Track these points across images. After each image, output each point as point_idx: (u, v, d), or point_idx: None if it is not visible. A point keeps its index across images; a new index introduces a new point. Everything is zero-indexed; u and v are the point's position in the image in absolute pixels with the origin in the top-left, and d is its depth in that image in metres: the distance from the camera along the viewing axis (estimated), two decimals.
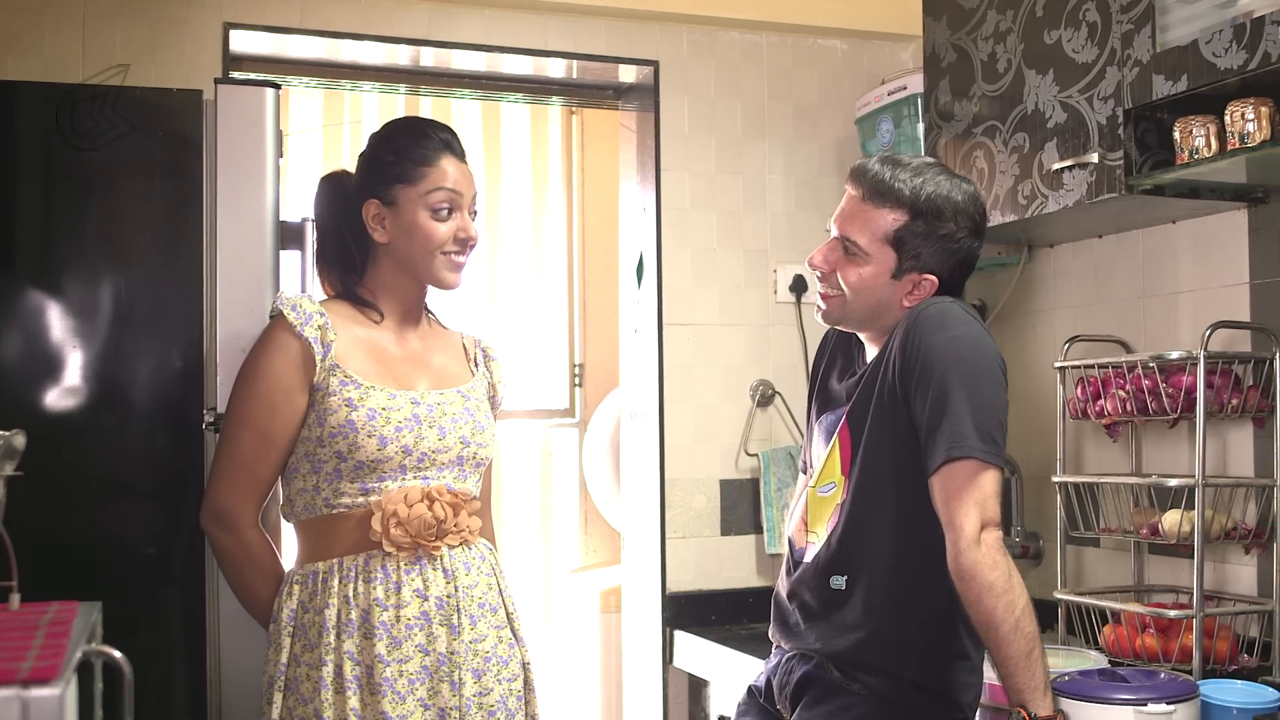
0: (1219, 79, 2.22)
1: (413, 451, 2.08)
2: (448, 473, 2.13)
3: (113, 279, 2.30)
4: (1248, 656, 2.49)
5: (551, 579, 4.79)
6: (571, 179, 4.89)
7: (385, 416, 2.07)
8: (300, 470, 2.10)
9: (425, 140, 2.18)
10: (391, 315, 2.21)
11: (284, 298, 2.12)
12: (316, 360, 2.07)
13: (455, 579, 2.10)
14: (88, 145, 2.29)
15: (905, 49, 3.68)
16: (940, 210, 2.07)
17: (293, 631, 2.06)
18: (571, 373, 4.86)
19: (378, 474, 2.07)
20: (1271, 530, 2.49)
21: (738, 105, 3.60)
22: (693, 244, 3.53)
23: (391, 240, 2.17)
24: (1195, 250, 2.73)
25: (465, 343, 2.34)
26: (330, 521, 2.08)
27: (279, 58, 3.32)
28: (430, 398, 2.14)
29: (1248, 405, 2.51)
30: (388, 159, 2.18)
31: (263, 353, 2.10)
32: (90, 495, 2.28)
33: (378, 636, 2.02)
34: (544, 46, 3.40)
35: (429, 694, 2.04)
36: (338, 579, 2.05)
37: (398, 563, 2.06)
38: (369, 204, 2.17)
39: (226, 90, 2.32)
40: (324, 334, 2.09)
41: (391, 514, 2.05)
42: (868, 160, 2.15)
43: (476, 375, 2.29)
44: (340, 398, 2.06)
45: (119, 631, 1.78)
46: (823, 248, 2.16)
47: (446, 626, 2.07)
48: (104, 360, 2.28)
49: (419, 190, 2.15)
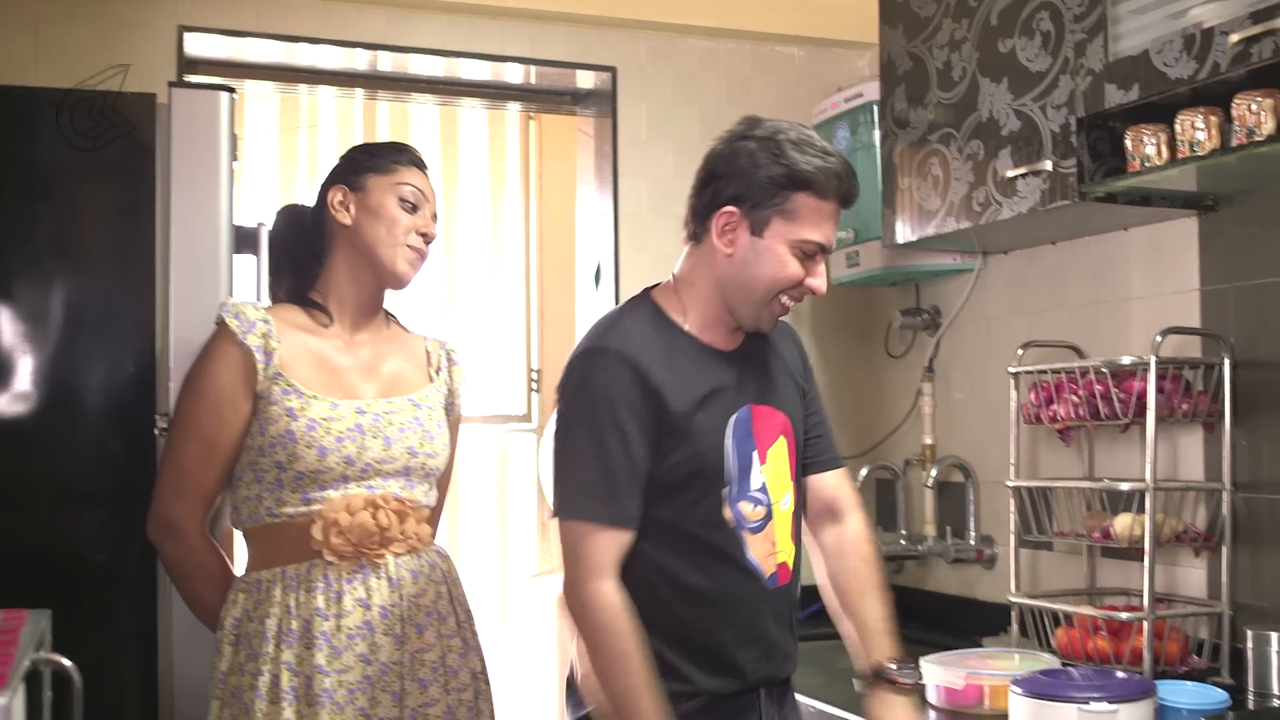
0: (1169, 88, 2.25)
1: (355, 462, 2.06)
2: (393, 482, 2.11)
3: (64, 284, 2.28)
4: (1198, 658, 2.52)
5: (508, 584, 4.78)
6: (529, 184, 4.88)
7: (325, 427, 2.05)
8: (244, 479, 2.08)
9: (402, 150, 2.25)
10: (343, 318, 2.19)
11: (228, 305, 2.11)
12: (259, 369, 2.05)
13: (401, 588, 2.07)
14: (40, 149, 2.27)
15: (862, 56, 3.70)
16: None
17: (235, 640, 2.04)
18: (529, 378, 4.85)
19: (319, 484, 2.05)
20: (1221, 533, 2.52)
21: (695, 111, 3.60)
22: (650, 250, 3.53)
23: (355, 222, 2.16)
24: (1146, 257, 2.76)
25: (429, 346, 2.32)
26: (274, 530, 2.06)
27: (234, 61, 3.29)
28: (377, 406, 2.12)
29: (1198, 410, 2.53)
30: (362, 157, 2.22)
31: (206, 362, 2.08)
32: (41, 501, 2.26)
33: (318, 647, 1.99)
34: (502, 52, 3.40)
35: (370, 704, 2.02)
36: (280, 588, 2.03)
37: (339, 572, 2.04)
38: (334, 189, 2.18)
39: (181, 94, 2.31)
40: (267, 342, 2.07)
41: (333, 522, 2.03)
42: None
43: (435, 382, 2.26)
44: (281, 407, 2.04)
45: (69, 639, 1.77)
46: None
47: (390, 636, 2.05)
48: (55, 365, 2.26)
49: (389, 180, 2.18)
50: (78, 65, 2.90)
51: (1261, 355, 2.49)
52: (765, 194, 1.93)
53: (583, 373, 1.92)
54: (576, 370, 1.93)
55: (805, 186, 1.93)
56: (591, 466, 1.88)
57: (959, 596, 3.33)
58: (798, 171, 1.92)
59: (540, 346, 4.85)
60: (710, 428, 1.95)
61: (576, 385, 1.92)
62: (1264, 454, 2.49)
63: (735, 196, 1.95)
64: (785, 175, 1.93)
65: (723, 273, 1.99)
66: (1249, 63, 2.08)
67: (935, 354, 3.43)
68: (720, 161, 1.99)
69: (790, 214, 1.94)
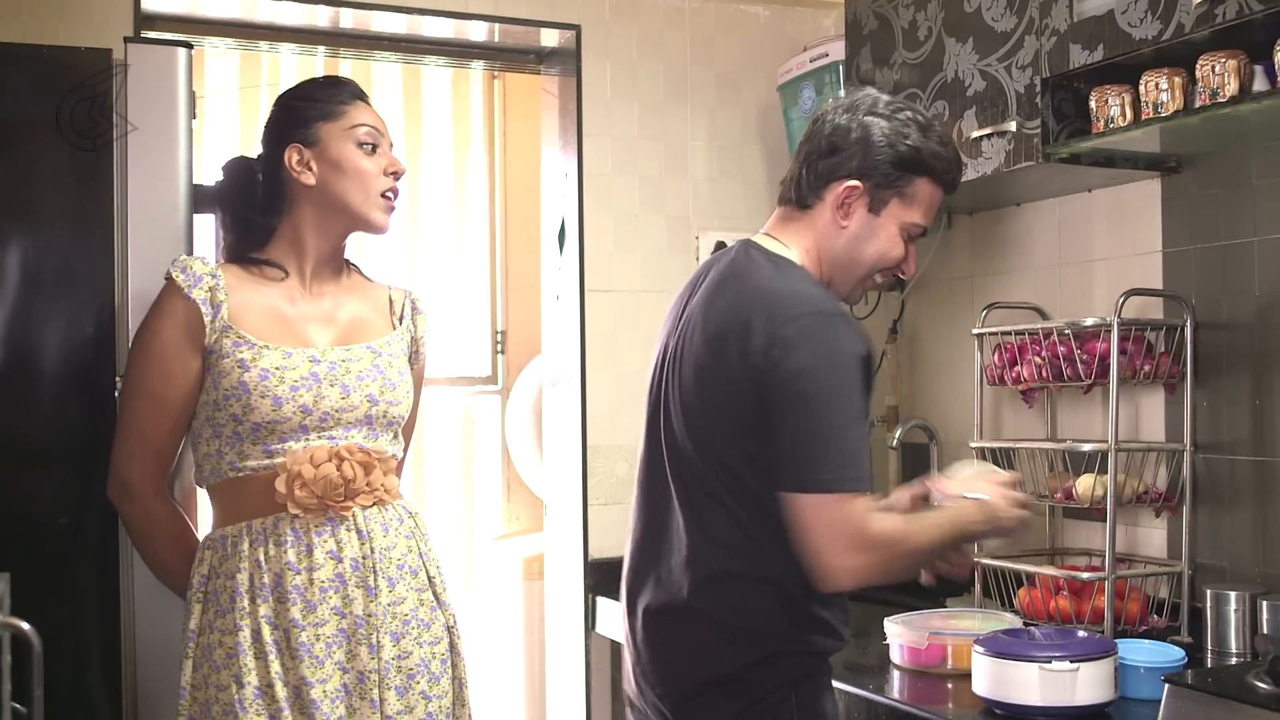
0: (1134, 49, 2.25)
1: (312, 411, 2.04)
2: (355, 432, 2.09)
3: (20, 243, 2.24)
4: (1157, 617, 2.54)
5: (474, 546, 4.77)
6: (493, 144, 4.85)
7: (279, 376, 2.02)
8: (203, 435, 2.07)
9: (339, 85, 2.19)
10: (302, 272, 2.16)
11: (177, 260, 2.08)
12: (205, 322, 2.03)
13: (371, 540, 2.06)
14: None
15: (827, 16, 3.68)
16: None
17: (203, 598, 2.03)
18: (494, 340, 4.84)
19: (278, 435, 2.02)
20: (1181, 494, 2.54)
21: (660, 71, 3.58)
22: (614, 210, 3.52)
23: (320, 181, 2.12)
24: (1110, 219, 2.77)
25: (393, 295, 2.28)
26: (237, 484, 2.04)
27: (193, 17, 3.24)
28: (332, 355, 2.09)
29: (1159, 371, 2.55)
30: (302, 104, 2.16)
31: (153, 318, 2.07)
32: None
33: (291, 601, 1.98)
34: (465, 9, 3.36)
35: (347, 657, 2.01)
36: (247, 542, 2.01)
37: (307, 524, 2.02)
38: (290, 150, 2.13)
39: (137, 49, 2.26)
40: (214, 295, 2.04)
41: (296, 475, 2.01)
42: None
43: (398, 330, 2.23)
44: (233, 359, 2.02)
45: (29, 603, 1.75)
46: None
47: (363, 588, 2.03)
48: (12, 327, 2.23)
49: (342, 125, 2.13)
50: (30, 21, 2.85)
51: (1223, 317, 2.51)
52: (889, 174, 1.96)
53: (830, 338, 1.85)
54: (819, 334, 1.86)
55: (928, 172, 1.98)
56: (854, 438, 1.84)
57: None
58: (925, 157, 1.97)
59: (504, 307, 4.83)
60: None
61: (825, 353, 1.85)
62: (1224, 415, 2.51)
63: (859, 171, 1.97)
64: (912, 159, 1.96)
65: (834, 244, 2.01)
66: (1213, 23, 2.08)
67: (900, 315, 3.43)
68: (844, 135, 1.99)
69: (909, 196, 1.98)
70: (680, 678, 1.96)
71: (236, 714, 1.95)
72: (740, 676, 1.91)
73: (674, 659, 1.97)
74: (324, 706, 1.97)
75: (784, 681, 1.91)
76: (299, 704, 1.97)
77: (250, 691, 1.96)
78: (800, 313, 1.86)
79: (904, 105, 2.02)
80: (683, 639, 1.96)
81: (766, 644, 1.91)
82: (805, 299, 1.89)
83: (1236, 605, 2.37)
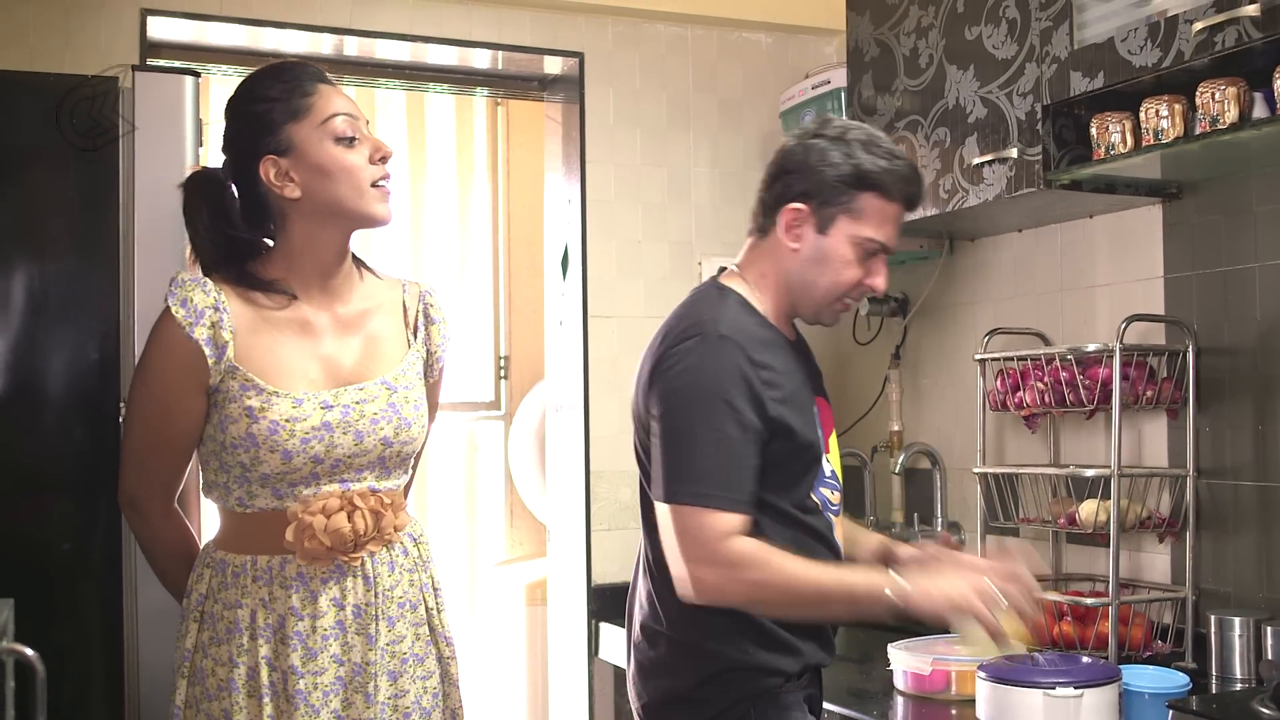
0: (1134, 76, 2.26)
1: (324, 460, 1.93)
2: (368, 474, 1.99)
3: (26, 268, 2.25)
4: (1161, 643, 2.54)
5: (477, 572, 4.77)
6: (496, 170, 4.87)
7: (289, 429, 1.90)
8: (210, 464, 1.99)
9: (297, 73, 1.98)
10: (308, 289, 2.00)
11: (175, 287, 1.93)
12: (209, 364, 1.90)
13: (376, 584, 1.98)
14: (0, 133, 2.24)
15: (829, 43, 3.70)
16: None
17: (199, 617, 1.96)
18: (497, 365, 4.85)
19: (288, 482, 1.93)
20: (1185, 519, 2.54)
21: (663, 97, 3.60)
22: (618, 236, 3.53)
23: (306, 190, 1.93)
24: (1112, 244, 2.78)
25: (406, 298, 2.15)
26: (245, 520, 1.96)
27: (199, 45, 3.27)
28: (345, 397, 1.96)
29: (1162, 397, 2.55)
30: (264, 107, 1.95)
31: (153, 354, 1.95)
32: (3, 489, 2.23)
33: (292, 646, 1.91)
34: (469, 37, 3.38)
35: (343, 705, 1.95)
36: (251, 579, 1.94)
37: (314, 572, 1.94)
38: (264, 163, 1.93)
39: (144, 78, 2.27)
40: (217, 334, 1.90)
41: (306, 526, 1.91)
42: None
43: (413, 347, 2.11)
44: (240, 405, 1.90)
45: (32, 629, 1.75)
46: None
47: (363, 636, 1.96)
48: (17, 352, 2.23)
49: (314, 121, 1.94)
50: (38, 49, 2.87)
51: (1225, 342, 2.51)
52: (833, 192, 1.98)
53: (701, 360, 1.91)
54: (692, 355, 1.92)
55: (872, 187, 1.99)
56: (719, 455, 1.88)
57: None
58: (866, 172, 1.98)
59: (508, 333, 4.84)
60: (807, 419, 2.00)
61: (694, 372, 1.91)
62: (1227, 440, 2.51)
63: (804, 193, 2.00)
64: (853, 175, 1.98)
65: (789, 267, 2.03)
66: (1212, 51, 2.09)
67: (902, 341, 3.44)
68: (791, 158, 2.02)
69: (856, 213, 1.99)
70: (650, 693, 2.02)
71: None
72: (693, 695, 1.96)
73: (644, 674, 2.04)
74: None
75: (739, 698, 1.94)
76: None
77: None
78: (681, 335, 1.94)
79: (856, 126, 2.04)
80: (651, 656, 2.02)
81: (718, 660, 1.94)
82: (693, 322, 1.95)
83: (1241, 631, 2.36)
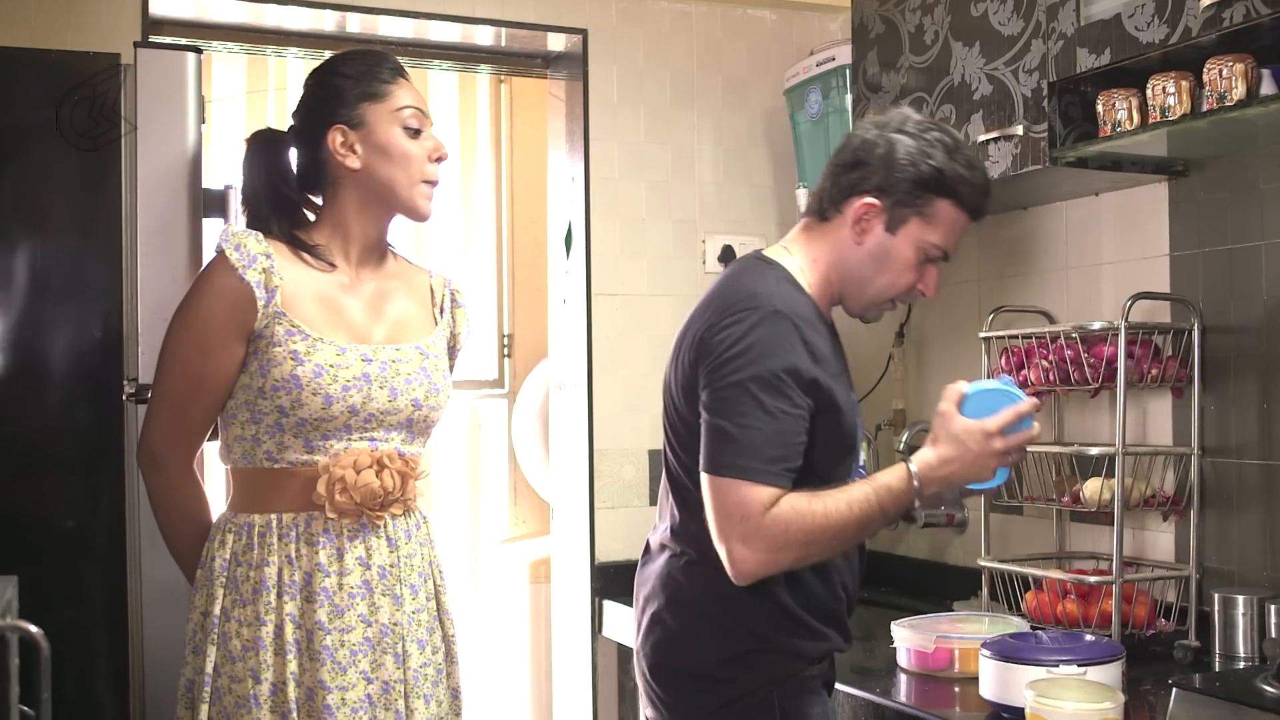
0: (1141, 53, 2.25)
1: (359, 412, 1.98)
2: (396, 435, 2.04)
3: (28, 248, 2.26)
4: (1165, 621, 2.54)
5: (481, 550, 4.78)
6: (500, 148, 4.86)
7: (333, 374, 1.95)
8: (239, 417, 1.99)
9: (381, 61, 2.11)
10: (348, 258, 2.08)
11: (229, 233, 1.98)
12: (259, 306, 1.94)
13: (398, 549, 2.03)
14: (1, 110, 2.24)
15: (834, 20, 3.69)
16: None
17: (225, 583, 1.96)
18: (500, 343, 4.85)
19: (321, 432, 1.96)
20: (1189, 498, 2.54)
21: (667, 75, 3.59)
22: (621, 214, 3.52)
23: (366, 165, 2.04)
24: (1117, 222, 2.77)
25: (433, 284, 2.21)
26: (271, 475, 1.98)
27: (201, 22, 3.25)
28: (384, 354, 2.03)
29: (1167, 375, 2.55)
30: (345, 83, 2.07)
31: (200, 293, 1.97)
32: (7, 467, 2.24)
33: (319, 602, 1.94)
34: (472, 13, 3.36)
35: (372, 667, 1.97)
36: (277, 535, 1.96)
37: (340, 527, 1.97)
38: (334, 131, 2.04)
39: (146, 55, 2.27)
40: (268, 278, 1.95)
41: (339, 478, 1.95)
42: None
43: (439, 324, 2.17)
44: (285, 349, 1.94)
45: (37, 606, 1.75)
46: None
47: (390, 596, 2.00)
48: (21, 330, 2.24)
49: (389, 106, 2.06)
50: (39, 26, 2.86)
51: (1230, 321, 2.50)
52: (910, 193, 1.95)
53: (759, 334, 1.86)
54: (749, 328, 1.87)
55: (950, 194, 1.97)
56: (766, 430, 1.84)
57: (930, 561, 3.35)
58: (946, 177, 1.95)
59: (511, 311, 4.84)
60: (850, 402, 1.98)
61: (749, 346, 1.86)
62: (1232, 419, 2.51)
63: (879, 188, 1.96)
64: (934, 178, 1.95)
65: (847, 259, 2.01)
66: (1220, 27, 2.08)
67: (906, 319, 3.43)
68: (870, 150, 1.99)
69: (929, 217, 1.97)
70: (666, 669, 1.99)
71: (251, 709, 1.91)
72: (715, 674, 1.93)
73: (660, 650, 1.99)
74: (340, 714, 1.93)
75: (764, 681, 1.92)
76: (310, 707, 1.93)
77: (266, 688, 1.92)
78: (741, 308, 1.89)
79: (934, 125, 2.01)
80: (673, 630, 1.98)
81: (745, 641, 1.92)
82: (752, 295, 1.91)
83: (1244, 609, 2.37)
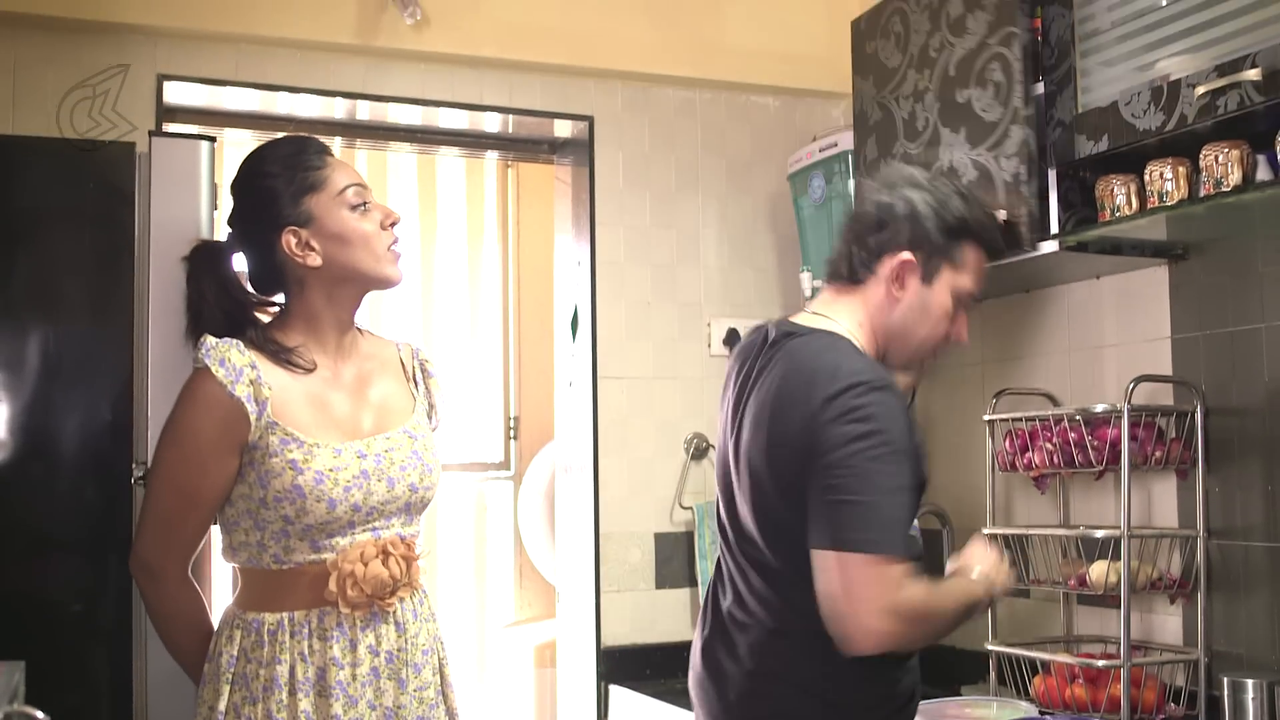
0: (1138, 139, 2.28)
1: (362, 508, 1.98)
2: (396, 520, 2.05)
3: (41, 331, 2.28)
4: (1174, 705, 2.52)
5: (486, 633, 4.75)
6: (507, 232, 4.91)
7: (334, 478, 1.95)
8: (241, 524, 1.99)
9: (305, 147, 2.07)
10: (325, 351, 2.07)
11: (209, 348, 1.95)
12: (251, 420, 1.93)
13: (406, 631, 2.03)
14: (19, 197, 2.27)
15: (837, 106, 3.74)
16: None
17: (233, 680, 1.96)
18: (507, 426, 4.86)
19: (327, 532, 1.96)
20: (1196, 580, 2.53)
21: (672, 160, 3.63)
22: (627, 297, 3.55)
23: (327, 258, 2.01)
24: (1119, 305, 2.79)
25: (403, 356, 2.21)
26: (280, 576, 1.98)
27: (214, 110, 3.31)
28: (377, 446, 2.03)
29: (1170, 457, 2.55)
30: (277, 183, 2.02)
31: (190, 412, 1.96)
32: (15, 550, 2.24)
33: (334, 696, 1.94)
34: (480, 101, 3.42)
35: None
36: (289, 634, 1.96)
37: (353, 620, 1.97)
38: (285, 234, 2.00)
39: (161, 142, 2.31)
40: (257, 389, 1.94)
41: (348, 574, 1.95)
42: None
43: (418, 399, 2.17)
44: (283, 459, 1.94)
45: (43, 691, 1.75)
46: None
47: (395, 680, 2.00)
48: (31, 413, 2.25)
49: (330, 193, 2.02)
50: (59, 114, 2.91)
51: (1233, 402, 2.51)
52: (939, 243, 2.01)
53: (874, 409, 1.87)
54: (863, 403, 1.87)
55: (974, 237, 2.03)
56: (895, 505, 1.85)
57: (937, 645, 3.32)
58: (971, 223, 2.02)
59: (518, 393, 4.86)
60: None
61: (868, 422, 1.86)
62: (1237, 500, 2.51)
63: (911, 243, 2.01)
64: (958, 225, 2.01)
65: (889, 316, 2.04)
66: (1215, 114, 2.11)
67: (911, 402, 3.44)
68: (890, 210, 2.03)
69: (959, 264, 2.02)
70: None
71: None
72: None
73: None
74: None
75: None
76: None
77: None
78: (846, 384, 1.88)
79: (936, 175, 2.08)
80: (769, 707, 1.97)
81: (846, 711, 1.95)
82: (849, 371, 1.91)
83: (1254, 693, 2.34)
